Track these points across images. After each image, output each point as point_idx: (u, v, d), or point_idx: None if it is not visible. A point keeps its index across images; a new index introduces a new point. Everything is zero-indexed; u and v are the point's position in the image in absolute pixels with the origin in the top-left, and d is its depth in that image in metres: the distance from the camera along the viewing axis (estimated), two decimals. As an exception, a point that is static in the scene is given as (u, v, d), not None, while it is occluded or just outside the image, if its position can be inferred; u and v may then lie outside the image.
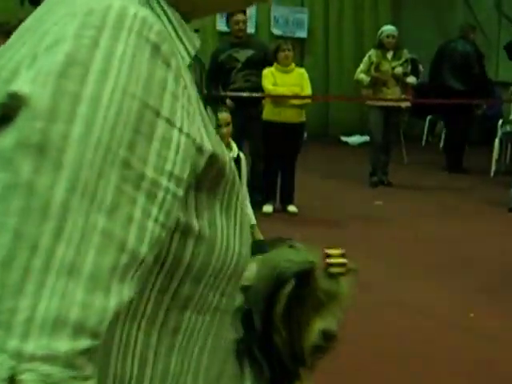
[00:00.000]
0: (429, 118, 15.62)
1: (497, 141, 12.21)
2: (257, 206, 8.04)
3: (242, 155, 6.69)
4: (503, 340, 5.21)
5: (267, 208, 8.87)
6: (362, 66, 10.77)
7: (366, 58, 10.79)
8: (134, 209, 0.86)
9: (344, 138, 16.10)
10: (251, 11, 14.92)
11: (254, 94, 8.94)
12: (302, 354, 1.47)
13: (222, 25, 15.09)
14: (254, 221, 6.60)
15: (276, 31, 15.72)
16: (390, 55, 10.61)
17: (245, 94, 8.98)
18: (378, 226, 8.66)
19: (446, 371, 4.70)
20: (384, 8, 16.78)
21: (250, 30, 14.81)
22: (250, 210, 6.63)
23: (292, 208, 8.98)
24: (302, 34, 15.92)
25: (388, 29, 10.84)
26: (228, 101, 8.99)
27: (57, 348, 0.77)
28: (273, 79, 8.76)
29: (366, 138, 13.47)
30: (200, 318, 1.06)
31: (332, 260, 1.60)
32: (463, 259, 7.26)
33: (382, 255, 7.34)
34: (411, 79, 10.71)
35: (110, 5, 0.92)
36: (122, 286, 0.84)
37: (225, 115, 6.52)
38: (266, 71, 8.82)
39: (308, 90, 8.94)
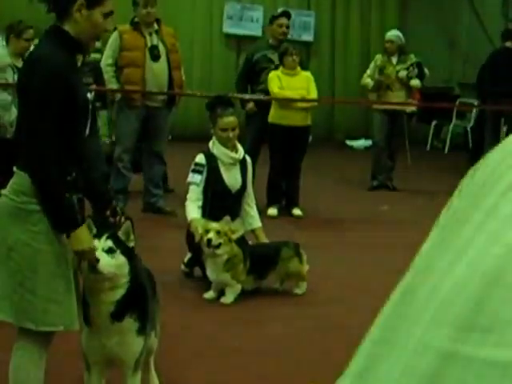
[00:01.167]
0: (434, 122, 15.62)
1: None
2: (262, 208, 8.05)
3: (248, 158, 6.69)
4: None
5: (272, 211, 8.85)
6: (368, 71, 10.79)
7: (372, 64, 10.83)
8: None
9: (349, 142, 16.08)
10: (259, 14, 14.94)
11: (262, 97, 8.96)
12: None
13: (228, 27, 15.12)
14: (259, 223, 6.59)
15: (282, 34, 15.69)
16: (394, 59, 10.63)
17: (247, 97, 9.01)
18: (382, 229, 8.65)
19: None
20: (391, 12, 16.76)
21: (257, 33, 14.86)
22: (255, 212, 6.63)
23: (297, 211, 8.97)
24: (308, 37, 15.89)
25: (388, 34, 10.92)
26: (251, 104, 9.08)
27: None
28: (279, 82, 8.75)
29: (371, 142, 13.45)
30: None
31: None
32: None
33: (386, 259, 7.33)
34: (415, 82, 10.68)
35: None
36: None
37: (231, 119, 6.50)
38: (272, 74, 8.82)
39: (314, 94, 8.93)
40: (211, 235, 5.80)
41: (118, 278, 3.43)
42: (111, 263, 3.40)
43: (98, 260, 3.35)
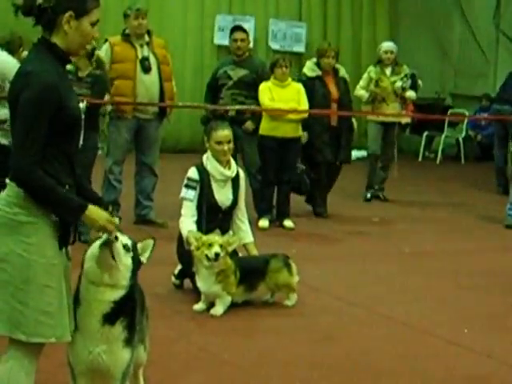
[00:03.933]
0: (426, 133, 15.63)
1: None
2: (253, 220, 8.03)
3: (241, 173, 6.66)
4: (497, 356, 5.19)
5: (263, 223, 8.84)
6: (361, 83, 10.79)
7: (365, 75, 10.82)
8: None
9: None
10: (250, 25, 14.95)
11: (253, 107, 8.94)
12: None
13: (220, 39, 15.14)
14: (251, 238, 6.55)
15: (274, 45, 15.72)
16: (388, 71, 10.65)
17: (237, 107, 8.97)
18: (373, 241, 8.64)
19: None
20: (382, 24, 16.78)
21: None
22: (247, 227, 6.59)
23: (288, 223, 8.95)
24: (300, 48, 15.91)
25: (387, 45, 10.93)
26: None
27: None
28: (270, 94, 8.75)
29: (364, 153, 13.44)
30: None
31: None
32: (458, 274, 7.25)
33: (377, 271, 7.32)
34: (410, 94, 10.71)
35: None
36: None
37: (226, 132, 6.47)
38: (263, 86, 8.81)
39: (305, 105, 8.93)
40: (217, 249, 5.79)
41: (119, 276, 3.44)
42: (123, 254, 3.45)
43: (116, 238, 3.41)
